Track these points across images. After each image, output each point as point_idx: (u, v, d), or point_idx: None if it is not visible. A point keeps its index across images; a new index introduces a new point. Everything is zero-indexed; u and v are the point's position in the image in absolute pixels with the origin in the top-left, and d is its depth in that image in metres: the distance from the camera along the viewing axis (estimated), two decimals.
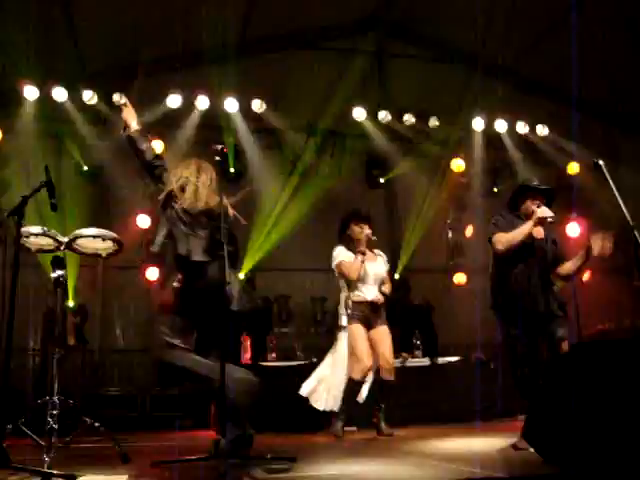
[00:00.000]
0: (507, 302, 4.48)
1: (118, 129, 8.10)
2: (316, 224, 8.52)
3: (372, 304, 5.63)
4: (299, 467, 3.47)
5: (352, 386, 5.50)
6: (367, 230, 5.64)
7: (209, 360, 3.53)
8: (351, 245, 5.69)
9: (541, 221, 4.46)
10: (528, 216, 4.53)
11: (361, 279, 5.62)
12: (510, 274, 4.49)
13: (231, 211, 3.82)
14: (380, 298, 5.70)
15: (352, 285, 5.64)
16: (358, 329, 5.56)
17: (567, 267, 4.58)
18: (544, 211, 4.48)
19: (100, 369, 8.21)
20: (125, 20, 7.93)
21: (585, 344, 3.78)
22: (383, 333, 5.62)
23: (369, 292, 5.65)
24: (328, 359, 6.17)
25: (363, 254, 5.55)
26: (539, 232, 4.59)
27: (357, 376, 5.49)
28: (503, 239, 4.47)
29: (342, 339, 5.96)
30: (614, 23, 8.37)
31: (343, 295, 5.78)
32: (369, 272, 5.67)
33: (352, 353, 5.60)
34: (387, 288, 5.82)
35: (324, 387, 6.02)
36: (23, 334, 7.95)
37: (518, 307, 4.39)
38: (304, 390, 6.02)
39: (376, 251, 5.87)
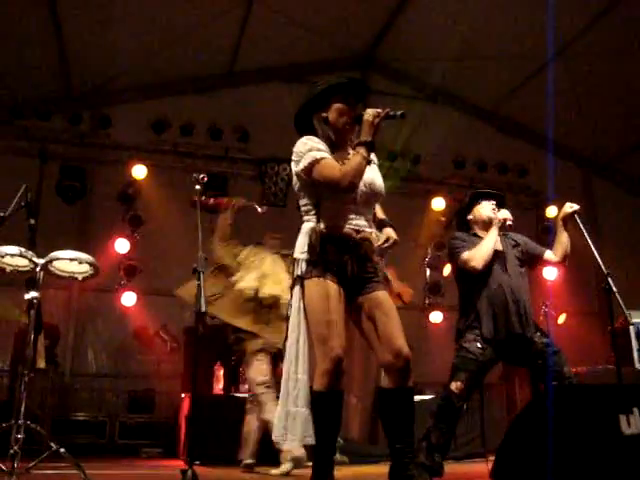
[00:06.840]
0: (475, 322, 3.93)
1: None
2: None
3: (361, 245, 2.99)
4: None
5: (314, 400, 2.86)
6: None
7: None
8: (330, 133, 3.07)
9: (503, 225, 4.07)
10: (485, 226, 4.10)
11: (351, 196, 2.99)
12: (480, 297, 3.94)
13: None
14: (386, 235, 3.11)
15: (327, 205, 2.99)
16: (324, 287, 2.89)
17: (552, 253, 4.14)
18: (504, 213, 4.10)
19: (70, 393, 8.07)
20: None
21: (561, 386, 3.77)
22: (385, 300, 2.98)
23: (360, 221, 3.04)
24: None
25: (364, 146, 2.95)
26: (497, 243, 4.09)
27: (319, 381, 2.83)
28: (476, 255, 3.94)
29: (298, 302, 2.98)
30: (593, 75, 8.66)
31: (307, 226, 3.01)
32: (365, 182, 3.03)
33: (312, 331, 2.91)
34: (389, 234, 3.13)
35: (284, 412, 2.93)
36: None
37: (492, 323, 3.87)
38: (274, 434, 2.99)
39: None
